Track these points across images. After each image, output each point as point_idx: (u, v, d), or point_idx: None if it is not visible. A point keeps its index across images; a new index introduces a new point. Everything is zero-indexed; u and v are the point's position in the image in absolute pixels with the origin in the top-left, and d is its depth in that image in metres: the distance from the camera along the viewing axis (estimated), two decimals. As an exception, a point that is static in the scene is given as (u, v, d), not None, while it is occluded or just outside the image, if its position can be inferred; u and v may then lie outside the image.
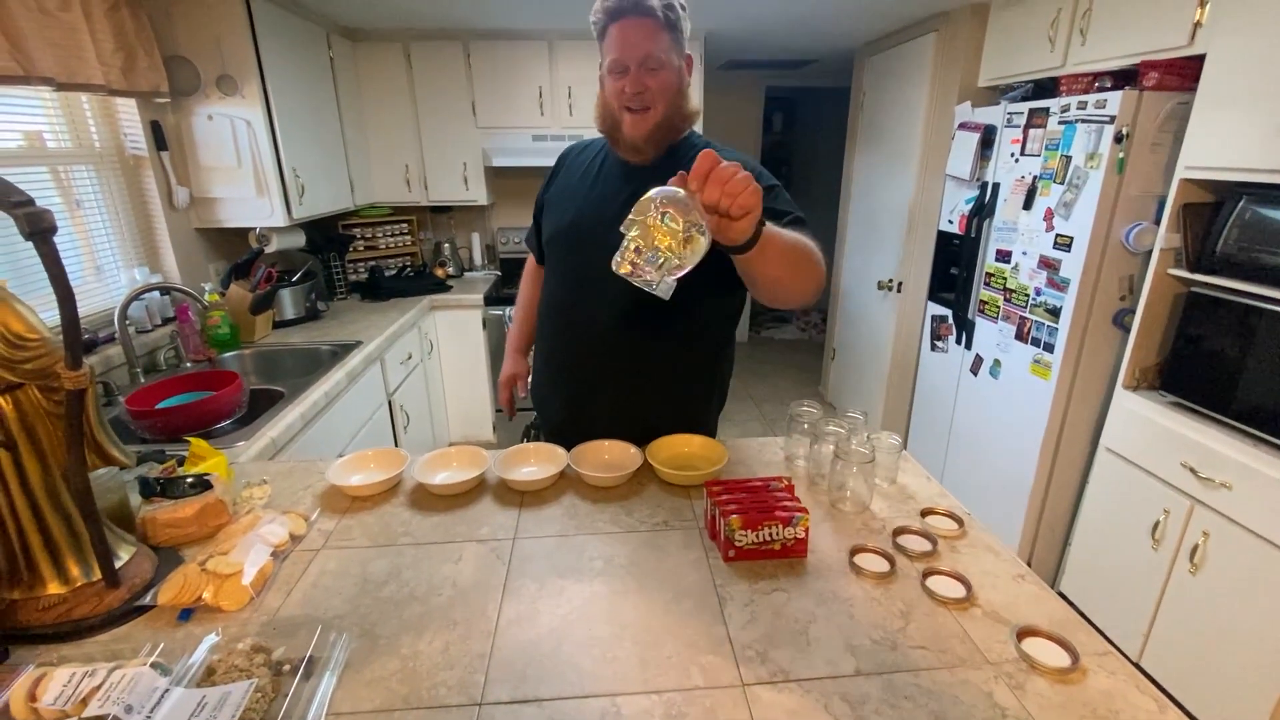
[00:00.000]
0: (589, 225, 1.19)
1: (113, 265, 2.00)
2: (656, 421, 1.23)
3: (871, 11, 2.72)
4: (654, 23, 1.06)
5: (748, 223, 0.80)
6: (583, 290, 1.22)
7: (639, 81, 1.07)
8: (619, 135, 1.14)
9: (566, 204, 1.26)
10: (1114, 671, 0.73)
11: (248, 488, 1.10)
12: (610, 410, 1.26)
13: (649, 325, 1.19)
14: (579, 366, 1.27)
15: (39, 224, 0.68)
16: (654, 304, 1.10)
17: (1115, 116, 1.82)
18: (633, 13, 1.06)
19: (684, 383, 1.27)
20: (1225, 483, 1.57)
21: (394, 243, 3.31)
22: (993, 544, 0.97)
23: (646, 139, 1.12)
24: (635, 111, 1.10)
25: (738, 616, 0.81)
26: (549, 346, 1.32)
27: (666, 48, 1.08)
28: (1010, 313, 2.30)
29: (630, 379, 1.24)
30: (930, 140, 2.82)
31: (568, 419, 1.32)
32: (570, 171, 1.30)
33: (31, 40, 1.53)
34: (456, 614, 0.82)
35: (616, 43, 1.07)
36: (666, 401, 1.26)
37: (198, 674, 0.68)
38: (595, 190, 1.22)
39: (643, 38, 1.06)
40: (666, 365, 1.24)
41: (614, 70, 1.09)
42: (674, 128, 1.15)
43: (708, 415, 1.33)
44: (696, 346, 1.26)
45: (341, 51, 2.80)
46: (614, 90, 1.10)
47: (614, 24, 1.07)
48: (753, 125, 4.79)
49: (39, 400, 0.77)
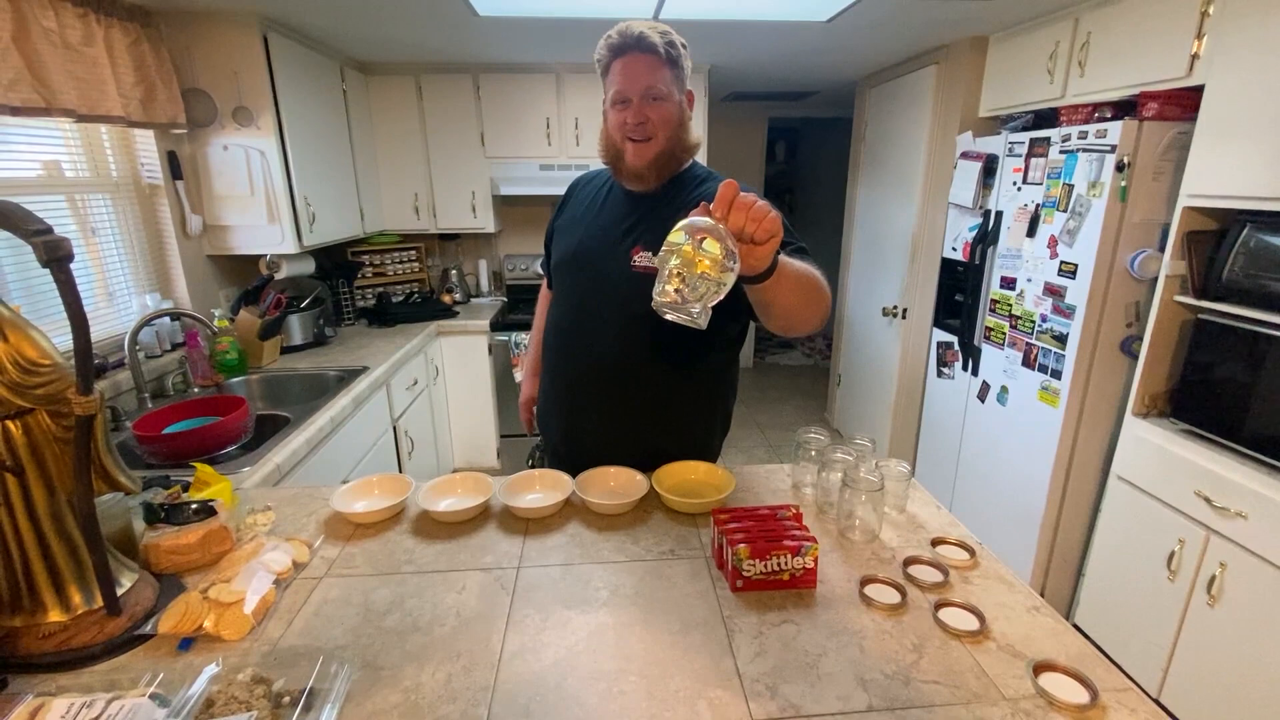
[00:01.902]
0: (591, 251, 1.23)
1: (125, 291, 2.03)
2: (655, 447, 1.23)
3: (872, 47, 2.77)
4: (656, 58, 1.10)
5: (770, 248, 0.81)
6: (584, 314, 1.23)
7: (640, 113, 1.11)
8: (622, 165, 1.18)
9: (573, 231, 1.29)
10: (1134, 709, 0.71)
11: (251, 514, 1.09)
12: (607, 434, 1.26)
13: (648, 351, 1.19)
14: (578, 389, 1.28)
15: (56, 252, 0.70)
16: (654, 329, 1.13)
17: (1116, 146, 1.84)
18: (636, 49, 1.10)
19: (683, 408, 1.26)
20: (1241, 512, 1.54)
21: (402, 269, 3.34)
22: (1006, 575, 0.95)
23: (648, 167, 1.15)
24: (637, 141, 1.13)
25: (746, 649, 0.80)
26: (551, 369, 1.33)
27: (668, 81, 1.12)
28: (1016, 339, 2.29)
29: (627, 403, 1.24)
30: (932, 169, 2.85)
31: (565, 441, 1.33)
32: (578, 201, 1.33)
33: (55, 73, 1.58)
34: (460, 645, 0.80)
35: (620, 76, 1.11)
36: (665, 426, 1.26)
37: (196, 706, 0.67)
38: (600, 218, 1.25)
39: (645, 71, 1.10)
40: (665, 390, 1.23)
41: (617, 102, 1.13)
42: (675, 158, 1.18)
43: (709, 441, 1.32)
44: (697, 372, 1.25)
45: (354, 84, 2.87)
46: (616, 122, 1.14)
47: (618, 59, 1.11)
48: (756, 155, 4.86)
49: (48, 425, 0.78)
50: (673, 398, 1.25)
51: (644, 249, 1.15)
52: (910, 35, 2.58)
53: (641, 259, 1.15)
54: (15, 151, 1.69)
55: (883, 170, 3.36)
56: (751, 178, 4.90)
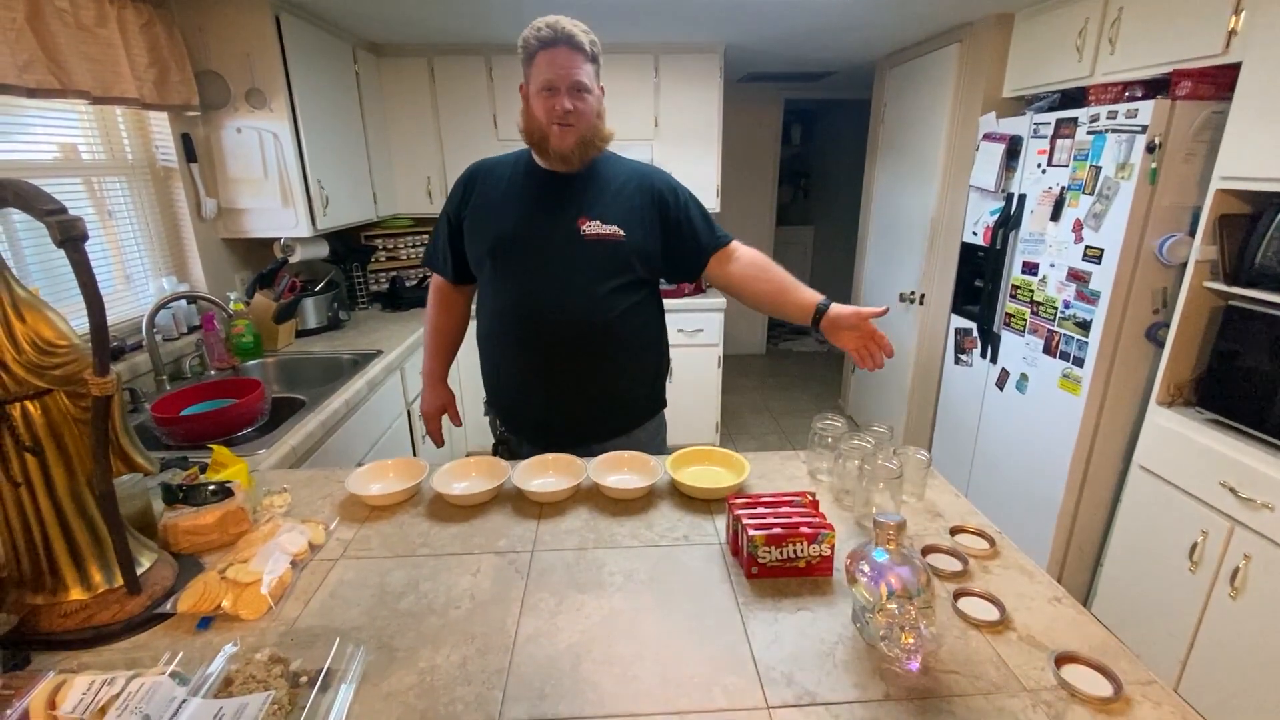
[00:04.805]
0: (536, 228, 1.29)
1: (141, 274, 2.04)
2: (626, 392, 1.39)
3: (894, 24, 2.70)
4: (582, 54, 1.21)
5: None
6: (544, 286, 1.29)
7: (566, 101, 1.21)
8: (547, 146, 1.26)
9: (501, 215, 1.32)
10: (1159, 702, 0.69)
11: (268, 496, 1.10)
12: (590, 391, 1.34)
13: (610, 303, 1.30)
14: (556, 358, 1.31)
15: (70, 231, 0.69)
16: (609, 285, 1.29)
17: (1147, 126, 1.78)
18: (566, 44, 1.20)
19: (643, 351, 1.41)
20: (1267, 503, 1.51)
21: (415, 253, 3.33)
22: (1026, 564, 0.93)
23: (572, 150, 1.25)
24: (563, 125, 1.23)
25: (761, 635, 0.79)
26: (517, 353, 1.34)
27: (591, 76, 1.24)
28: (1038, 326, 2.25)
29: (605, 356, 1.33)
30: (953, 151, 2.79)
31: (549, 411, 1.37)
32: (489, 188, 1.36)
33: (69, 55, 1.57)
34: (474, 628, 0.80)
35: (546, 66, 1.20)
36: (633, 372, 1.39)
37: (215, 684, 0.67)
38: (529, 199, 1.32)
39: (571, 65, 1.20)
40: (630, 337, 1.35)
41: (545, 89, 1.22)
42: (593, 145, 1.29)
43: (659, 380, 1.48)
44: (649, 315, 1.40)
45: (367, 66, 2.85)
46: (545, 107, 1.22)
47: (545, 50, 1.20)
48: (771, 137, 4.78)
49: (67, 406, 0.78)
50: (637, 342, 1.38)
51: (589, 219, 1.29)
52: (933, 12, 2.51)
53: (590, 227, 1.28)
54: (33, 134, 1.69)
55: (902, 153, 3.29)
56: (767, 160, 4.83)
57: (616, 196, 1.32)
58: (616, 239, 1.29)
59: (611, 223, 1.29)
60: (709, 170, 3.22)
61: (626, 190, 1.33)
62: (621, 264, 1.30)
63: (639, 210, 1.33)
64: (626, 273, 1.31)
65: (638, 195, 1.33)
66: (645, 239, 1.33)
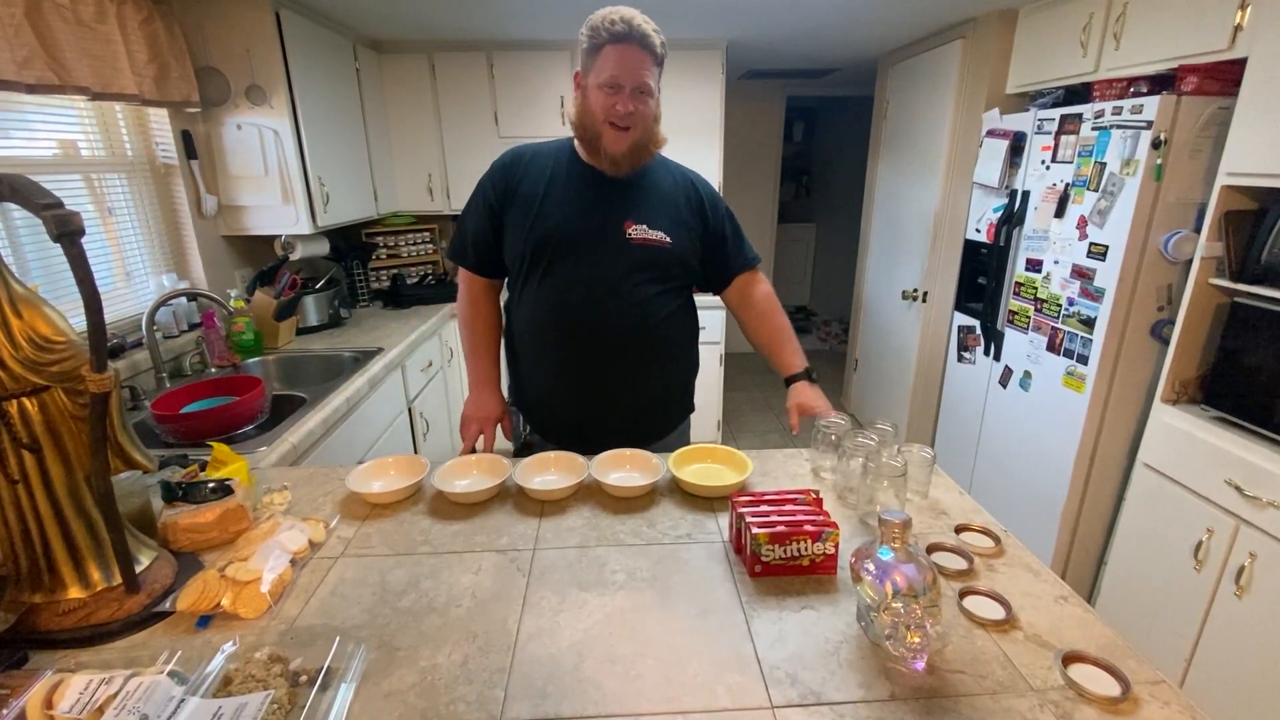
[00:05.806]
0: (584, 229, 1.25)
1: (142, 271, 2.04)
2: (662, 397, 1.39)
3: (897, 20, 2.69)
4: (651, 56, 1.17)
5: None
6: (587, 292, 1.26)
7: (630, 103, 1.17)
8: (599, 145, 1.22)
9: (541, 213, 1.26)
10: (1168, 702, 0.69)
11: (268, 493, 1.09)
12: (629, 398, 1.34)
13: (652, 311, 1.29)
14: (600, 364, 1.30)
15: (66, 226, 0.69)
16: (649, 291, 1.29)
17: (1152, 122, 1.77)
18: (638, 43, 1.15)
19: (681, 357, 1.42)
20: (1273, 501, 1.50)
21: (416, 251, 3.33)
22: (1032, 563, 0.93)
23: (624, 155, 1.22)
24: (618, 128, 1.19)
25: (765, 635, 0.78)
26: (555, 354, 1.31)
27: (656, 79, 1.20)
28: (1041, 323, 2.24)
29: (645, 364, 1.33)
30: (956, 148, 2.78)
31: (584, 418, 1.34)
32: (530, 180, 1.28)
33: (69, 51, 1.57)
34: (476, 626, 0.80)
35: (614, 62, 1.15)
36: (670, 378, 1.40)
37: (214, 683, 0.67)
38: (575, 198, 1.27)
39: (640, 66, 1.16)
40: (670, 344, 1.36)
41: (608, 86, 1.16)
42: (647, 150, 1.26)
43: (690, 385, 1.49)
44: (686, 321, 1.41)
45: (367, 62, 2.84)
46: (604, 104, 1.17)
47: (616, 45, 1.15)
48: (773, 134, 4.77)
49: (64, 403, 0.77)
50: (680, 339, 1.39)
51: (635, 223, 1.26)
52: (936, 8, 2.49)
53: (636, 231, 1.26)
54: (32, 131, 1.69)
55: (904, 150, 3.28)
56: (769, 158, 4.81)
57: (663, 202, 1.30)
58: (662, 245, 1.27)
59: (657, 229, 1.27)
60: (711, 167, 3.21)
61: (673, 197, 1.31)
62: (664, 270, 1.29)
63: (684, 218, 1.31)
64: (669, 279, 1.30)
65: (684, 203, 1.32)
66: (687, 247, 1.31)
